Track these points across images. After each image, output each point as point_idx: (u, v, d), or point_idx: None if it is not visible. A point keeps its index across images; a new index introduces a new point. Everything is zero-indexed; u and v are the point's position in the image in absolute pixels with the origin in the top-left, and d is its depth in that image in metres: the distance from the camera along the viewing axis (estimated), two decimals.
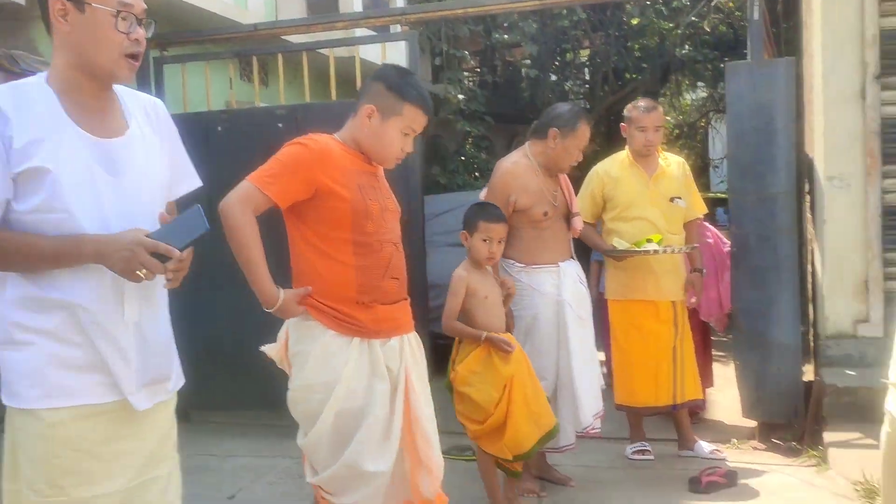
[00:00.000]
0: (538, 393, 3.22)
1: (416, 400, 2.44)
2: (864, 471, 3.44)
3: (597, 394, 3.71)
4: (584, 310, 3.70)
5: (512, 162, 3.70)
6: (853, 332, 4.50)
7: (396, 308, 2.51)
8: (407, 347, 2.49)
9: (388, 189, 2.59)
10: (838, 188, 4.51)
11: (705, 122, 15.83)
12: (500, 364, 3.14)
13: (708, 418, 4.99)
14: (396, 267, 2.50)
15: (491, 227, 3.24)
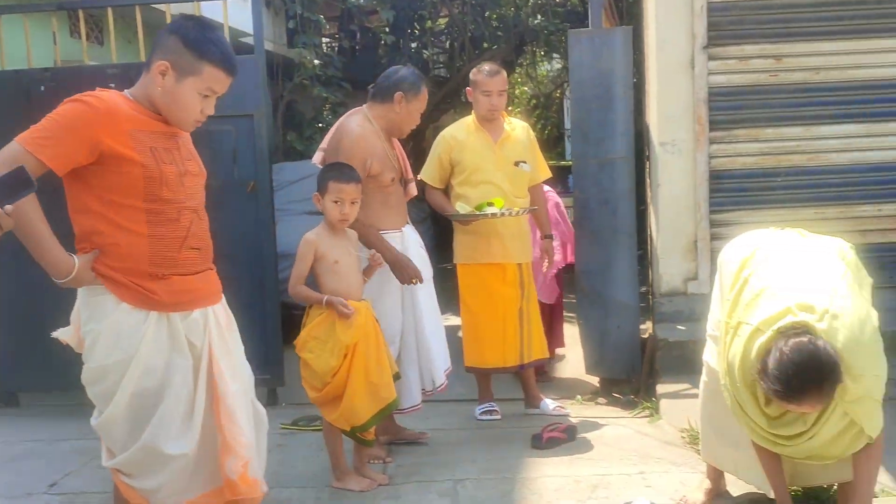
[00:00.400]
0: (382, 365, 3.16)
1: (220, 376, 2.29)
2: (690, 419, 3.64)
3: (445, 352, 3.76)
4: (427, 271, 3.72)
5: (359, 125, 3.60)
6: (684, 289, 4.75)
7: (198, 279, 2.32)
8: (212, 320, 2.33)
9: (189, 150, 2.38)
10: (671, 153, 4.71)
11: (560, 93, 16.24)
12: (342, 332, 3.06)
13: (556, 376, 5.15)
14: (197, 236, 2.32)
15: (342, 188, 3.12)
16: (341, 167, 3.26)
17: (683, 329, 4.55)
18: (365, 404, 3.09)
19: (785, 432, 2.33)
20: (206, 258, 2.37)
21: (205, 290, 2.34)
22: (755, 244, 2.55)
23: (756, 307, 2.32)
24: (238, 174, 4.89)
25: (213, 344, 2.29)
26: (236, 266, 4.85)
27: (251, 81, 4.79)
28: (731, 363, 2.36)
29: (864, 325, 2.24)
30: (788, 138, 4.66)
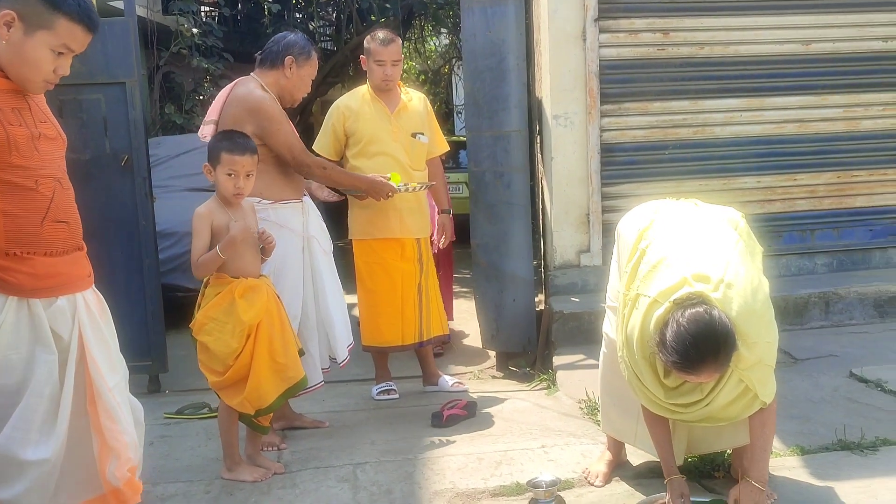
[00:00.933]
0: (287, 344, 2.96)
1: (95, 370, 2.04)
2: (587, 389, 3.64)
3: (347, 326, 3.60)
4: (327, 244, 3.57)
5: (259, 88, 3.37)
6: (577, 261, 4.76)
7: (65, 261, 2.05)
8: (82, 308, 2.06)
9: (44, 112, 2.08)
10: (563, 126, 4.68)
11: (448, 69, 16.18)
12: (243, 311, 2.82)
13: (451, 352, 5.08)
14: (61, 208, 2.04)
15: (236, 160, 2.86)
16: (234, 136, 2.98)
17: (577, 301, 4.56)
18: (271, 385, 2.89)
19: (683, 401, 2.32)
20: (74, 235, 2.09)
21: (73, 273, 2.06)
22: (651, 215, 2.52)
23: (653, 279, 2.29)
24: (110, 147, 4.52)
25: (85, 334, 2.03)
26: (111, 246, 4.52)
27: (122, 46, 4.42)
28: (630, 335, 2.32)
29: (756, 293, 2.25)
30: (676, 112, 4.72)
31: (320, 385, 3.48)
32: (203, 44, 8.44)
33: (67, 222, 2.05)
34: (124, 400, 2.10)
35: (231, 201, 2.92)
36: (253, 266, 2.97)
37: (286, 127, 3.35)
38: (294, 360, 2.98)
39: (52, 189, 2.00)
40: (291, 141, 3.35)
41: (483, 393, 4.07)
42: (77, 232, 2.10)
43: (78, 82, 4.43)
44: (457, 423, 3.47)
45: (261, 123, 3.28)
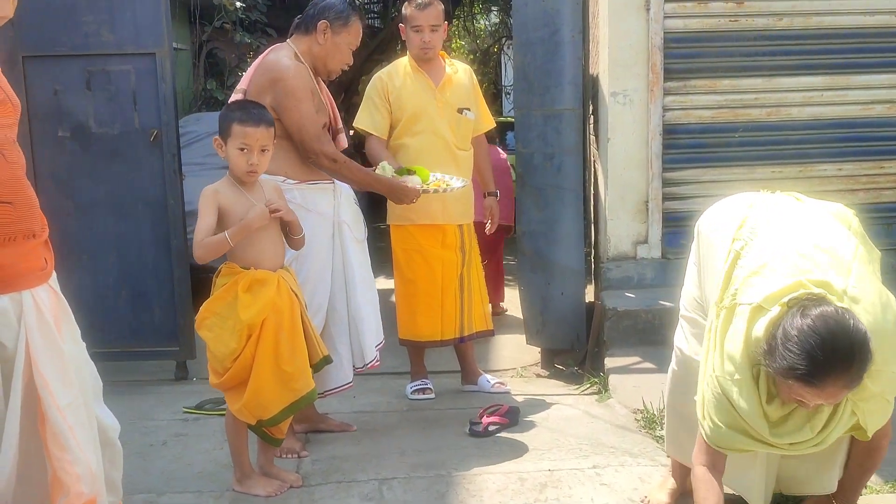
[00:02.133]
0: (297, 350, 2.55)
1: (43, 386, 1.66)
2: (644, 398, 3.21)
3: (378, 324, 3.19)
4: (361, 231, 3.16)
5: (290, 59, 2.96)
6: (633, 253, 4.30)
7: (9, 251, 1.67)
8: (30, 308, 1.69)
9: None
10: (622, 105, 4.22)
11: (498, 48, 15.65)
12: (243, 308, 2.44)
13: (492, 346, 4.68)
14: (5, 184, 1.66)
15: (248, 132, 2.46)
16: (247, 105, 2.60)
17: (633, 297, 4.11)
18: (273, 395, 2.50)
19: (788, 440, 1.85)
20: (22, 218, 1.70)
21: (18, 266, 1.68)
22: (745, 211, 2.04)
23: (754, 285, 1.82)
24: (140, 121, 4.21)
25: (33, 342, 1.66)
26: (139, 225, 4.23)
27: (152, 14, 4.09)
28: (729, 352, 1.84)
29: (886, 310, 1.78)
30: (747, 90, 4.20)
31: (349, 386, 3.11)
32: (247, 18, 8.11)
33: (11, 203, 1.67)
34: (80, 421, 1.72)
35: (244, 179, 2.53)
36: (270, 256, 2.58)
37: (304, 106, 2.92)
38: (302, 368, 2.56)
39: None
40: (304, 123, 2.92)
41: (526, 395, 3.67)
42: (27, 214, 1.72)
43: (106, 52, 4.14)
44: (497, 432, 3.08)
45: (277, 96, 2.89)
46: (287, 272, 2.64)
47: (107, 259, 4.28)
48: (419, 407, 3.48)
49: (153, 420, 3.32)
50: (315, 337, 2.67)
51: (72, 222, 4.23)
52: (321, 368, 2.69)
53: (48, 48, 4.11)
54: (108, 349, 4.34)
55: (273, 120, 2.61)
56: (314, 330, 2.70)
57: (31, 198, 1.74)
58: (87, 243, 4.25)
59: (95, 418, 1.78)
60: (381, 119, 3.55)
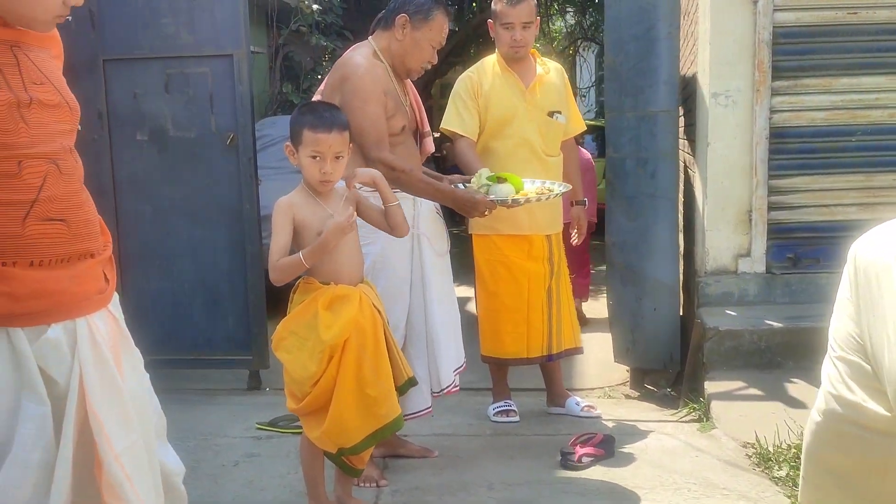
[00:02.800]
0: (380, 372, 2.31)
1: (98, 429, 1.43)
2: (756, 430, 2.87)
3: (458, 345, 2.95)
4: (442, 244, 2.91)
5: (364, 58, 2.72)
6: (734, 267, 3.93)
7: (60, 275, 1.44)
8: (85, 339, 1.47)
9: (44, 69, 1.49)
10: (724, 106, 3.86)
11: (574, 50, 15.27)
12: (324, 328, 2.22)
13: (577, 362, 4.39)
14: (56, 200, 1.45)
15: (320, 139, 2.22)
16: (319, 108, 2.37)
17: (734, 315, 3.75)
18: (357, 422, 2.27)
19: None
20: (78, 237, 1.50)
21: (72, 291, 1.47)
22: None
23: None
24: (216, 124, 4.09)
25: (88, 378, 1.44)
26: (214, 230, 4.11)
27: (231, 15, 3.97)
28: None
29: None
30: (867, 89, 3.77)
31: (427, 411, 2.85)
32: (323, 21, 8.01)
33: (65, 220, 1.46)
34: (140, 468, 1.51)
35: (318, 189, 2.30)
36: (349, 269, 2.35)
37: (370, 108, 2.66)
38: (387, 393, 2.32)
39: (43, 175, 1.43)
40: (364, 125, 2.64)
41: (618, 420, 3.37)
42: (83, 233, 1.51)
43: (184, 54, 4.04)
44: (592, 464, 2.79)
45: (345, 95, 2.65)
46: (368, 286, 2.42)
47: (182, 265, 4.18)
48: (503, 431, 3.22)
49: (225, 437, 3.16)
50: (399, 356, 2.43)
51: (148, 227, 4.15)
52: (406, 391, 2.46)
53: (128, 51, 4.03)
54: (181, 356, 4.27)
55: (347, 122, 2.35)
56: (398, 349, 2.46)
57: (89, 213, 1.54)
58: (164, 249, 4.16)
59: (157, 463, 1.58)
60: (471, 120, 3.30)
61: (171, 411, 3.46)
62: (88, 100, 4.05)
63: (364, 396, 2.27)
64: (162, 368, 4.24)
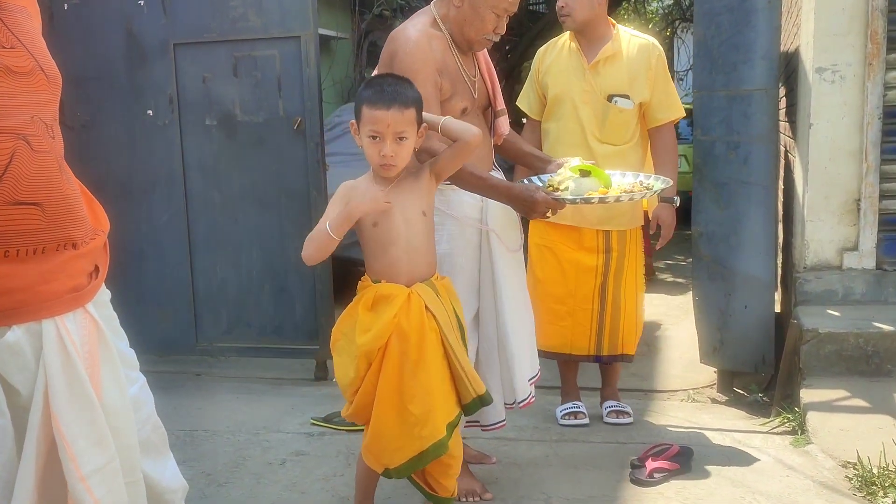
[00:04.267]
0: (426, 387, 1.99)
1: (62, 448, 1.26)
2: (859, 448, 2.51)
3: (533, 352, 2.62)
4: (514, 241, 2.55)
5: (417, 30, 2.35)
6: (838, 262, 3.51)
7: (30, 268, 1.27)
8: (52, 344, 1.29)
9: (22, 28, 1.33)
10: (830, 83, 3.43)
11: (671, 32, 14.57)
12: (361, 330, 1.96)
13: (658, 361, 4.07)
14: (25, 180, 1.27)
15: (377, 116, 1.94)
16: (381, 82, 2.04)
17: (838, 315, 3.34)
18: (398, 441, 2.00)
19: None
20: (56, 224, 1.32)
21: (40, 287, 1.29)
22: None
23: None
24: (284, 109, 3.98)
25: (53, 389, 1.27)
26: (282, 217, 4.01)
27: None
28: None
29: None
30: None
31: (501, 425, 2.53)
32: (406, 4, 7.85)
33: (38, 204, 1.29)
34: (113, 490, 1.31)
35: (380, 174, 2.04)
36: (407, 266, 2.05)
37: (420, 90, 2.22)
38: (428, 413, 1.98)
39: (10, 152, 1.25)
40: None
41: (700, 427, 3.05)
42: (62, 219, 1.33)
43: (253, 37, 3.94)
44: (664, 480, 2.50)
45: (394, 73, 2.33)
46: (430, 287, 2.07)
47: (250, 252, 4.11)
48: (570, 438, 2.95)
49: (277, 431, 3.04)
50: (464, 369, 2.07)
51: (217, 213, 4.09)
52: (475, 411, 2.12)
53: (197, 34, 3.96)
54: (248, 344, 4.20)
55: (413, 98, 2.03)
56: (464, 361, 2.08)
57: (70, 197, 1.36)
58: (232, 235, 4.10)
59: (142, 484, 1.39)
60: (534, 98, 3.08)
61: (230, 402, 3.44)
62: (159, 84, 4.03)
63: (406, 413, 1.99)
64: (230, 356, 4.26)
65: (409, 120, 1.99)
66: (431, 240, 2.13)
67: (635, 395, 3.56)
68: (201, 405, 3.35)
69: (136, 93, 4.04)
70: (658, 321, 4.86)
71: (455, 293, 2.19)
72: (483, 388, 2.11)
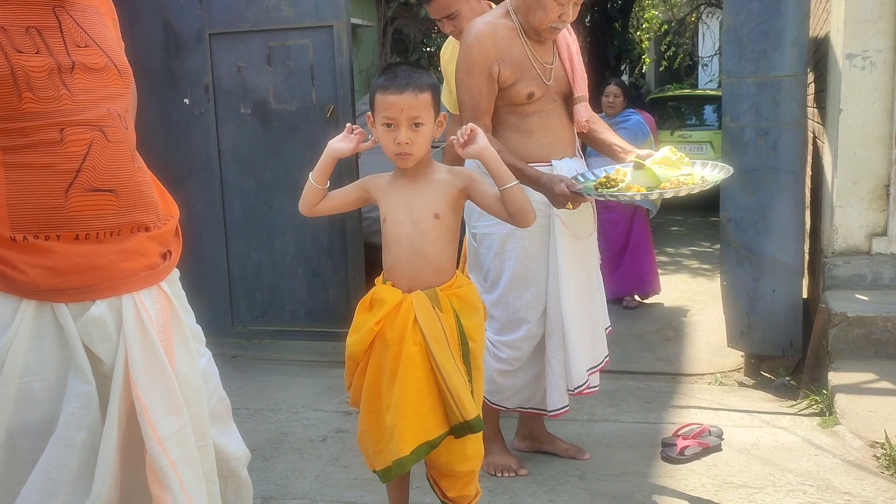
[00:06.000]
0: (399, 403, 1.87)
1: (141, 412, 1.37)
2: (887, 429, 2.57)
3: (597, 341, 2.57)
4: (583, 226, 2.49)
5: (485, 22, 2.43)
6: (867, 247, 3.55)
7: (106, 249, 1.37)
8: (131, 318, 1.38)
9: (90, 30, 1.42)
10: (860, 69, 3.46)
11: (696, 17, 14.48)
12: (352, 331, 1.93)
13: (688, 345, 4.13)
14: (102, 169, 1.36)
15: (390, 102, 1.84)
16: (396, 68, 1.93)
17: (866, 300, 3.38)
18: (376, 445, 1.95)
19: None
20: (127, 209, 1.42)
21: (119, 267, 1.39)
22: None
23: None
24: (317, 97, 4.08)
25: (132, 359, 1.37)
26: None
27: None
28: None
29: None
30: None
31: (564, 410, 2.51)
32: None
33: (114, 191, 1.39)
34: (187, 454, 1.42)
35: (398, 165, 1.93)
36: (407, 269, 1.93)
37: (470, 80, 2.38)
38: (393, 429, 1.88)
39: (88, 143, 1.35)
40: (464, 99, 2.39)
41: (729, 409, 3.12)
42: (135, 205, 1.43)
43: (286, 26, 4.05)
44: (695, 458, 2.58)
45: (457, 65, 2.44)
46: (424, 297, 1.90)
47: (284, 238, 4.22)
48: (601, 417, 3.03)
49: (317, 410, 3.15)
50: (450, 390, 1.87)
51: (252, 200, 4.21)
52: (462, 435, 1.92)
53: (232, 24, 4.07)
54: (283, 328, 4.33)
55: (429, 84, 1.91)
56: (453, 380, 1.88)
57: (142, 184, 1.47)
58: (266, 221, 4.21)
59: (212, 448, 1.50)
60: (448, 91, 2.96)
61: (268, 382, 3.56)
62: (195, 74, 4.14)
63: (380, 422, 1.92)
64: (267, 339, 4.38)
65: (424, 104, 1.87)
66: (445, 245, 1.95)
67: (663, 378, 3.64)
68: (241, 386, 3.47)
69: (173, 82, 4.15)
70: (685, 307, 4.92)
71: (475, 304, 2.00)
72: (473, 413, 1.90)
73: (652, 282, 4.95)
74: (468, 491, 2.02)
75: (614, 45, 11.00)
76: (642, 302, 4.99)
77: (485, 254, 2.50)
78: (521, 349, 2.50)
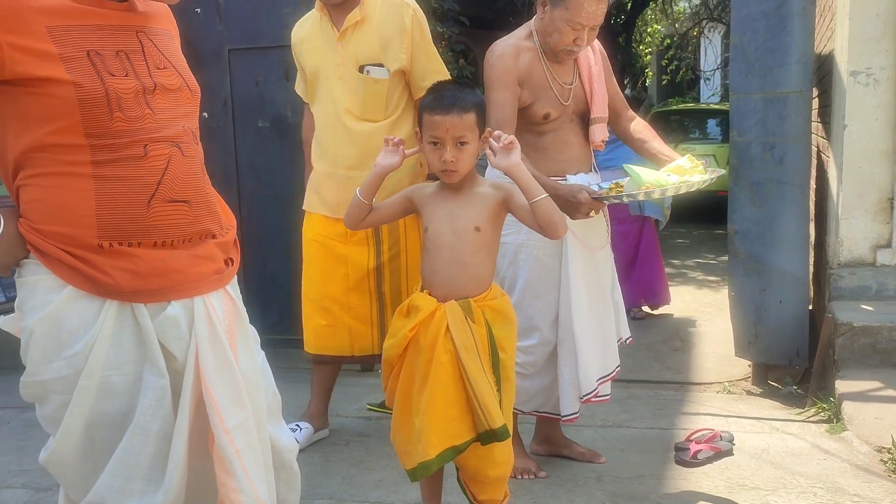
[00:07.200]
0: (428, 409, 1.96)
1: (210, 404, 1.47)
2: (893, 434, 2.66)
3: (608, 351, 2.63)
4: (596, 238, 2.58)
5: (508, 44, 2.53)
6: (871, 259, 3.66)
7: (181, 254, 1.49)
8: (201, 317, 1.49)
9: (166, 52, 1.53)
10: (864, 85, 3.58)
11: (698, 32, 14.66)
12: (389, 335, 2.04)
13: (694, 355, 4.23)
14: (179, 181, 1.48)
15: (436, 122, 1.96)
16: (442, 88, 2.05)
17: (871, 310, 3.49)
18: (405, 445, 2.04)
19: None
20: (199, 218, 1.54)
21: (192, 270, 1.51)
22: None
23: None
24: None
25: (203, 356, 1.48)
26: None
27: None
28: None
29: None
30: None
31: (574, 417, 2.59)
32: (440, 7, 8.01)
33: (187, 202, 1.51)
34: (250, 444, 1.53)
35: (443, 181, 2.05)
36: (444, 277, 2.01)
37: (495, 95, 2.46)
38: (421, 433, 1.96)
39: (167, 157, 1.47)
40: (490, 113, 2.38)
41: (738, 416, 3.22)
42: (204, 214, 1.55)
43: None
44: (708, 462, 2.67)
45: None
46: (458, 307, 1.97)
47: (300, 249, 4.30)
48: (615, 423, 3.13)
49: (338, 416, 3.24)
50: (478, 399, 1.95)
51: (270, 212, 4.31)
52: (488, 443, 1.99)
53: (251, 40, 4.18)
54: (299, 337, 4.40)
55: (475, 103, 2.02)
56: (481, 390, 1.95)
57: (210, 195, 1.59)
58: (284, 233, 4.29)
59: (268, 441, 1.61)
60: (303, 80, 2.94)
61: (289, 389, 3.58)
62: (214, 88, 4.25)
63: (410, 424, 2.00)
64: (281, 347, 4.46)
65: (469, 124, 1.98)
66: (484, 257, 2.04)
67: (672, 386, 3.74)
68: None
69: None
70: (691, 317, 5.02)
71: (508, 316, 2.07)
72: (499, 422, 1.96)
73: (662, 292, 5.05)
74: (497, 495, 2.12)
75: (618, 59, 11.16)
76: (650, 312, 5.09)
77: (500, 262, 2.59)
78: (535, 355, 2.60)
